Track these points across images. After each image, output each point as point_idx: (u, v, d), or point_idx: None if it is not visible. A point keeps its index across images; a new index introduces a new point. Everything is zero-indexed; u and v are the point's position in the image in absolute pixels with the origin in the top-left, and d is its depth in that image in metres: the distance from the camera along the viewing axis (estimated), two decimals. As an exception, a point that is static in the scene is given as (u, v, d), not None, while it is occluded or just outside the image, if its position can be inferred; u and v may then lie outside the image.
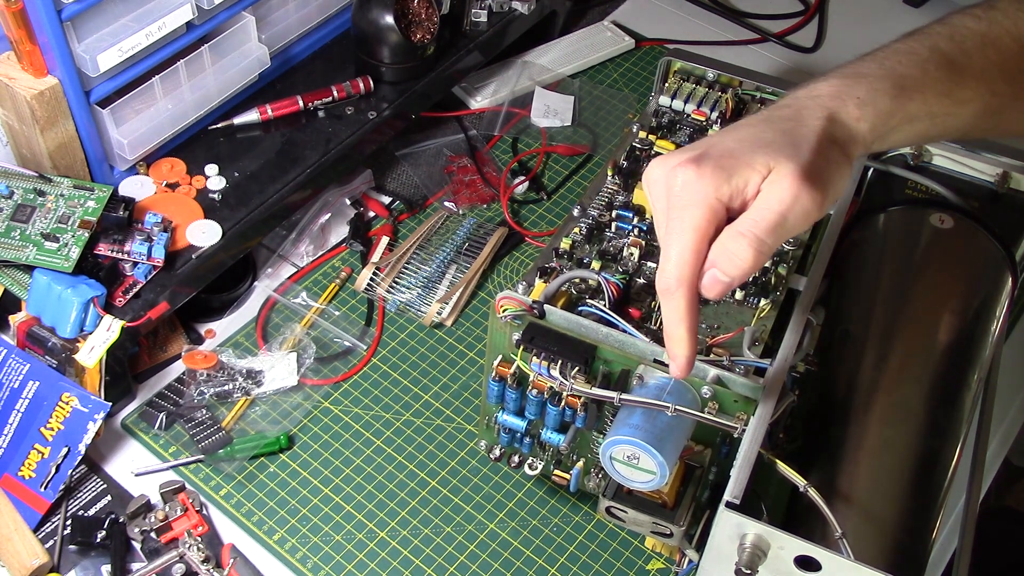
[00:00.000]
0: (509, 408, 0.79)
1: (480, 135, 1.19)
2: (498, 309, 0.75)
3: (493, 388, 0.79)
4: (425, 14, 1.08)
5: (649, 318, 0.79)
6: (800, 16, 1.39)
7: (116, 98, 0.92)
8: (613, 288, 0.77)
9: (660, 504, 0.75)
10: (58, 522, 0.85)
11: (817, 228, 0.86)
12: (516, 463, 0.83)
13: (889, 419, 0.75)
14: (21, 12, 0.82)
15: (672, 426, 0.70)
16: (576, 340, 0.73)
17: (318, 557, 0.86)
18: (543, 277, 0.80)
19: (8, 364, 0.87)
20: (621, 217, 0.85)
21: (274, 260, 1.05)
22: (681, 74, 0.98)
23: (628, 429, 0.69)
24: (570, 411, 0.76)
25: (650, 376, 0.73)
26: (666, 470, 0.69)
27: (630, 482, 0.71)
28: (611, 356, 0.73)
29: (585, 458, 0.81)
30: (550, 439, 0.78)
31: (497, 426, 0.81)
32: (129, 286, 0.90)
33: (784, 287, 0.81)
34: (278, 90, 1.07)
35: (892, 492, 0.72)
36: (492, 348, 0.78)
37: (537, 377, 0.74)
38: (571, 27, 1.33)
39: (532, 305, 0.75)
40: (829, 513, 0.65)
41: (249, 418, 0.93)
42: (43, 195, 0.90)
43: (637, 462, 0.69)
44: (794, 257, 0.83)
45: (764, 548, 0.65)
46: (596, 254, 0.83)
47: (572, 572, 0.87)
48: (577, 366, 0.72)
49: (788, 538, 0.63)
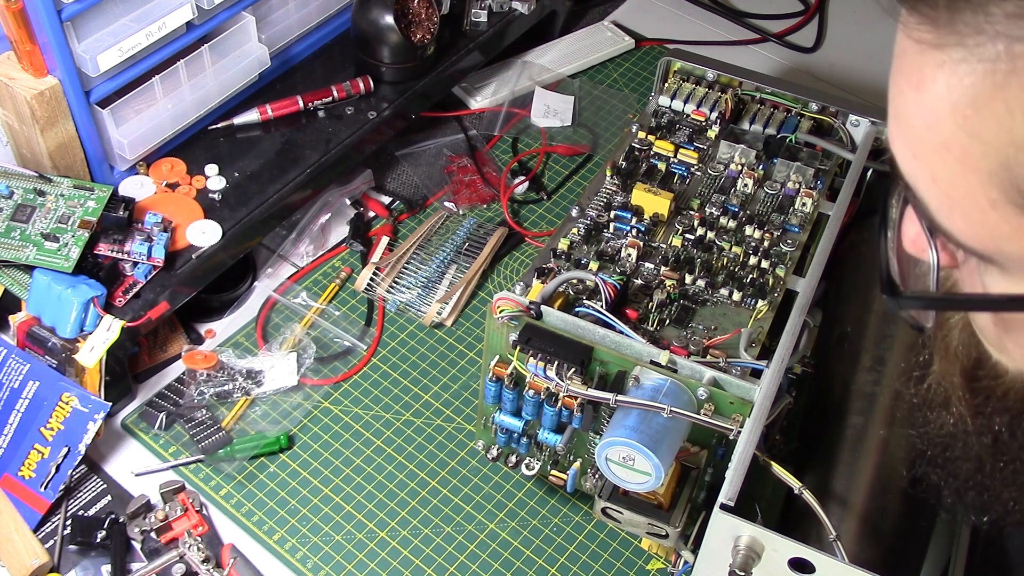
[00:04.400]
0: (506, 408, 0.79)
1: (480, 135, 1.19)
2: (495, 310, 0.75)
3: (490, 389, 0.79)
4: (425, 14, 1.08)
5: (646, 319, 0.79)
6: (800, 16, 1.39)
7: (116, 98, 0.92)
8: (610, 289, 0.77)
9: (656, 505, 0.75)
10: (58, 522, 0.85)
11: (816, 229, 0.86)
12: (513, 463, 0.83)
13: (885, 422, 0.75)
14: (21, 12, 0.82)
15: (668, 428, 0.70)
16: (572, 341, 0.73)
17: (318, 557, 0.86)
18: (540, 278, 0.80)
19: (8, 364, 0.87)
20: (619, 218, 0.85)
21: (274, 260, 1.05)
22: (681, 74, 0.98)
23: (623, 431, 0.69)
24: (567, 412, 0.76)
25: (646, 378, 0.73)
26: (661, 472, 0.69)
27: (626, 483, 0.71)
28: (607, 357, 0.73)
29: (582, 459, 0.81)
30: (547, 440, 0.78)
31: (494, 426, 0.81)
32: (129, 286, 0.90)
33: (782, 288, 0.81)
34: (278, 90, 1.07)
35: (888, 495, 0.72)
36: (489, 349, 0.78)
37: (533, 378, 0.74)
38: (571, 27, 1.33)
39: (529, 306, 0.75)
40: (823, 515, 0.65)
41: (249, 418, 0.93)
42: (43, 195, 0.90)
43: (632, 463, 0.69)
44: (792, 259, 0.83)
45: (758, 550, 0.65)
46: (594, 255, 0.83)
47: (572, 572, 0.87)
48: (573, 367, 0.72)
49: (782, 540, 0.63)
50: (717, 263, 0.83)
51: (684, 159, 0.92)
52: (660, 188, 0.87)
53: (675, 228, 0.86)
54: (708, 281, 0.81)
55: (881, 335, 0.79)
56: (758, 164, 0.90)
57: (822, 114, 0.94)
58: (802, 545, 0.63)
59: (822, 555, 0.63)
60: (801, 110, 0.95)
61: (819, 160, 0.90)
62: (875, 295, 0.82)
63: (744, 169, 0.90)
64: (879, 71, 1.07)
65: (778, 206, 0.88)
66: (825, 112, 0.94)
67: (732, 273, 0.82)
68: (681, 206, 0.88)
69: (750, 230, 0.85)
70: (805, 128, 0.93)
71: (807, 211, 0.87)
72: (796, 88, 0.96)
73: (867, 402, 0.76)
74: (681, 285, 0.81)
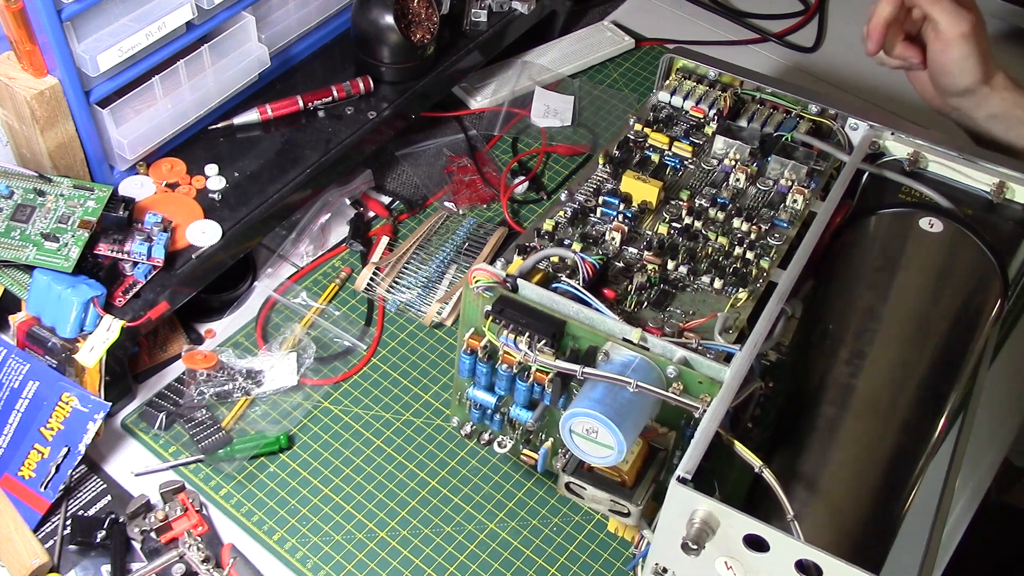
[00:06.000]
0: (480, 383, 0.80)
1: (480, 135, 1.19)
2: (471, 280, 0.75)
3: (464, 361, 0.79)
4: (425, 14, 1.08)
5: (624, 300, 0.78)
6: (800, 16, 1.39)
7: (116, 98, 0.92)
8: (589, 267, 0.77)
9: (619, 483, 0.75)
10: (58, 522, 0.85)
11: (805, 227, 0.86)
12: (486, 441, 0.83)
13: (859, 413, 0.75)
14: (21, 12, 0.82)
15: (634, 403, 0.70)
16: (546, 314, 0.74)
17: (318, 557, 0.86)
18: (522, 255, 0.80)
19: (8, 364, 0.87)
20: (607, 203, 0.85)
21: (274, 260, 1.05)
22: (683, 72, 0.99)
23: (588, 402, 0.69)
24: (538, 388, 0.76)
25: (616, 354, 0.73)
26: (624, 446, 0.69)
27: (589, 456, 0.71)
28: (580, 332, 0.74)
29: (553, 438, 0.81)
30: (519, 416, 0.78)
31: (468, 402, 0.81)
32: (129, 286, 0.90)
33: (765, 280, 0.81)
34: (278, 90, 1.07)
35: (856, 484, 0.73)
36: (464, 321, 0.78)
37: (505, 349, 0.74)
38: (571, 27, 1.33)
39: (505, 278, 0.75)
40: (782, 494, 0.65)
41: (249, 418, 0.93)
42: (43, 195, 0.90)
43: (596, 436, 0.69)
44: (778, 252, 0.83)
45: (713, 525, 0.64)
46: (578, 236, 0.83)
47: (572, 572, 0.87)
48: (544, 339, 0.72)
49: (736, 515, 0.63)
50: (701, 252, 0.83)
51: (678, 152, 0.92)
52: (651, 178, 0.87)
53: (662, 216, 0.85)
54: (690, 268, 0.81)
55: (862, 330, 0.80)
56: (752, 161, 0.90)
57: (821, 116, 0.94)
58: (757, 521, 0.63)
59: (777, 532, 0.62)
60: (801, 111, 0.95)
61: (814, 160, 0.90)
62: (859, 292, 0.82)
63: (738, 164, 0.90)
64: (879, 71, 1.08)
65: (769, 202, 0.88)
66: (824, 114, 0.94)
67: (716, 262, 0.82)
68: (670, 196, 0.88)
69: (738, 222, 0.85)
70: (804, 129, 0.93)
71: (798, 208, 0.87)
72: (797, 89, 0.96)
73: (842, 393, 0.76)
74: (663, 270, 0.81)
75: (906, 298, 0.82)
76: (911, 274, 0.83)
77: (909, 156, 0.91)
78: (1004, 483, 1.54)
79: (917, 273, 0.83)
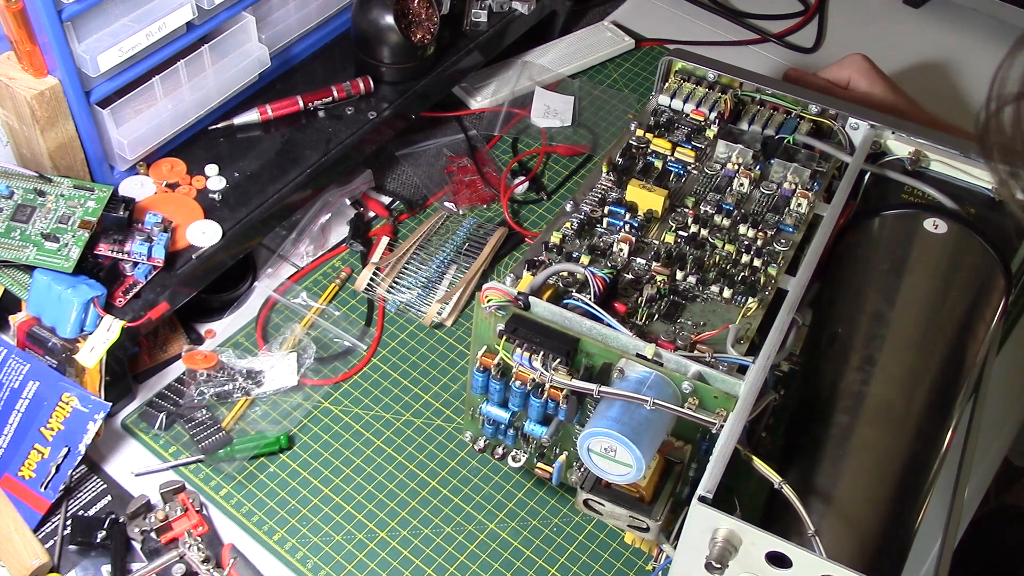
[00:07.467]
0: (493, 399, 0.79)
1: (480, 135, 1.19)
2: (483, 299, 0.75)
3: (477, 379, 0.79)
4: (425, 14, 1.08)
5: (635, 314, 0.78)
6: (800, 16, 1.39)
7: (116, 98, 0.92)
8: (599, 282, 0.77)
9: (638, 498, 0.75)
10: (58, 522, 0.85)
11: (811, 231, 0.86)
12: (500, 455, 0.83)
13: (872, 421, 0.75)
14: (21, 12, 0.82)
15: (650, 420, 0.70)
16: (559, 332, 0.73)
17: (318, 557, 0.86)
18: (531, 270, 0.80)
19: (8, 364, 0.87)
20: (613, 213, 0.85)
21: (274, 260, 1.05)
22: (682, 74, 0.98)
23: (606, 421, 0.69)
24: (552, 404, 0.76)
25: (631, 370, 0.73)
26: (642, 463, 0.69)
27: (607, 474, 0.71)
28: (594, 349, 0.74)
29: (568, 452, 0.81)
30: (533, 431, 0.78)
31: (481, 417, 0.81)
32: (129, 286, 0.90)
33: (773, 287, 0.81)
34: (278, 90, 1.07)
35: (872, 494, 0.72)
36: (477, 338, 0.78)
37: (519, 368, 0.74)
38: (571, 27, 1.33)
39: (517, 296, 0.75)
40: (803, 510, 0.65)
41: (249, 418, 0.94)
42: (43, 195, 0.90)
43: (614, 455, 0.69)
44: (785, 258, 0.83)
45: (736, 543, 0.64)
46: (586, 249, 0.83)
47: (572, 572, 0.87)
48: (559, 358, 0.72)
49: (759, 533, 0.63)
50: (709, 260, 0.83)
51: (681, 157, 0.92)
52: (656, 185, 0.87)
53: (668, 225, 0.86)
54: (699, 278, 0.81)
55: (871, 335, 0.79)
56: (755, 164, 0.90)
57: (822, 116, 0.94)
58: (779, 539, 0.63)
59: (799, 549, 0.62)
60: (801, 112, 0.95)
61: (816, 162, 0.90)
62: (868, 295, 0.82)
63: (741, 169, 0.90)
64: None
65: (773, 206, 0.88)
66: (825, 115, 0.94)
67: (724, 270, 0.82)
68: (676, 203, 0.88)
69: (744, 229, 0.85)
70: (804, 130, 0.93)
71: (802, 212, 0.87)
72: (797, 90, 0.96)
73: (854, 401, 0.76)
74: (672, 281, 0.81)
75: (914, 302, 0.81)
76: (918, 277, 0.83)
77: (910, 155, 0.91)
78: (1004, 483, 1.54)
79: (924, 276, 0.83)
